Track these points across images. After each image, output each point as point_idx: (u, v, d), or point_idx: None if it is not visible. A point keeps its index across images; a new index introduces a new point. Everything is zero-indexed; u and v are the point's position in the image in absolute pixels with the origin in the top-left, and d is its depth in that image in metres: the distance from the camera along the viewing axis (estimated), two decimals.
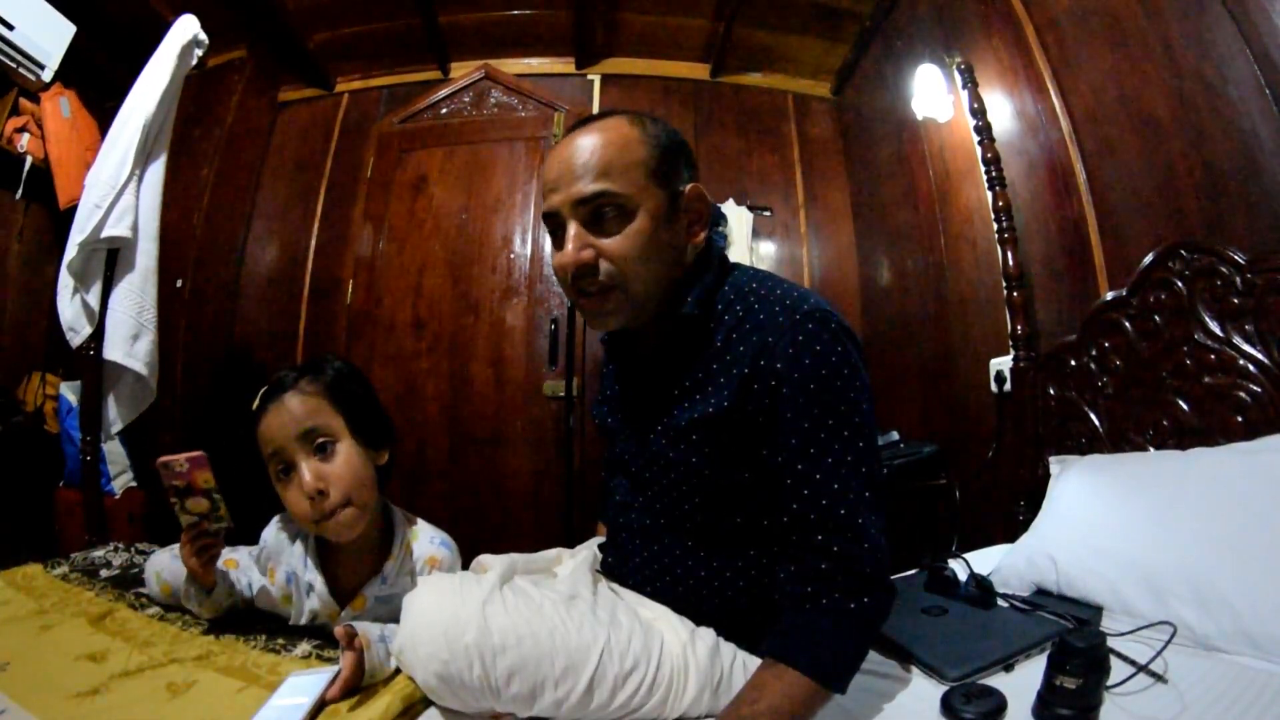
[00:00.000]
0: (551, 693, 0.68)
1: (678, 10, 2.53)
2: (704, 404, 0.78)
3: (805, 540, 0.72)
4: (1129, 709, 0.70)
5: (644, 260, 0.78)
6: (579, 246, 0.77)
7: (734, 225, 2.49)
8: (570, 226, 0.78)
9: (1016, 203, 1.74)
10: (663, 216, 0.79)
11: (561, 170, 0.78)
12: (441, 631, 0.67)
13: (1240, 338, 1.13)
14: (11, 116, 2.14)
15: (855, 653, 0.70)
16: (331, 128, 2.76)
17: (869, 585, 0.70)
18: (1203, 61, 1.24)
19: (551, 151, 0.83)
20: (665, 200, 0.80)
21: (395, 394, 2.41)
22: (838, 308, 0.79)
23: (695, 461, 0.79)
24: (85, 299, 1.69)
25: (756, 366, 0.74)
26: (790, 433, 0.73)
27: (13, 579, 1.10)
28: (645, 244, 0.78)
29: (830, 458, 0.72)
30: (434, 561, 0.95)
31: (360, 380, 0.98)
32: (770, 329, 0.75)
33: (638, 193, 0.77)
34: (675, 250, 0.81)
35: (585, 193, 0.76)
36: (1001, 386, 1.75)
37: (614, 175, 0.77)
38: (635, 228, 0.77)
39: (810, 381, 0.72)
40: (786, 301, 0.76)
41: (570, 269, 0.77)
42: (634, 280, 0.78)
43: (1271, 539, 0.87)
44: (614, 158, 0.78)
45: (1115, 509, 1.12)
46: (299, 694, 0.71)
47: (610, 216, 0.77)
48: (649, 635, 0.75)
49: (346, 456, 0.89)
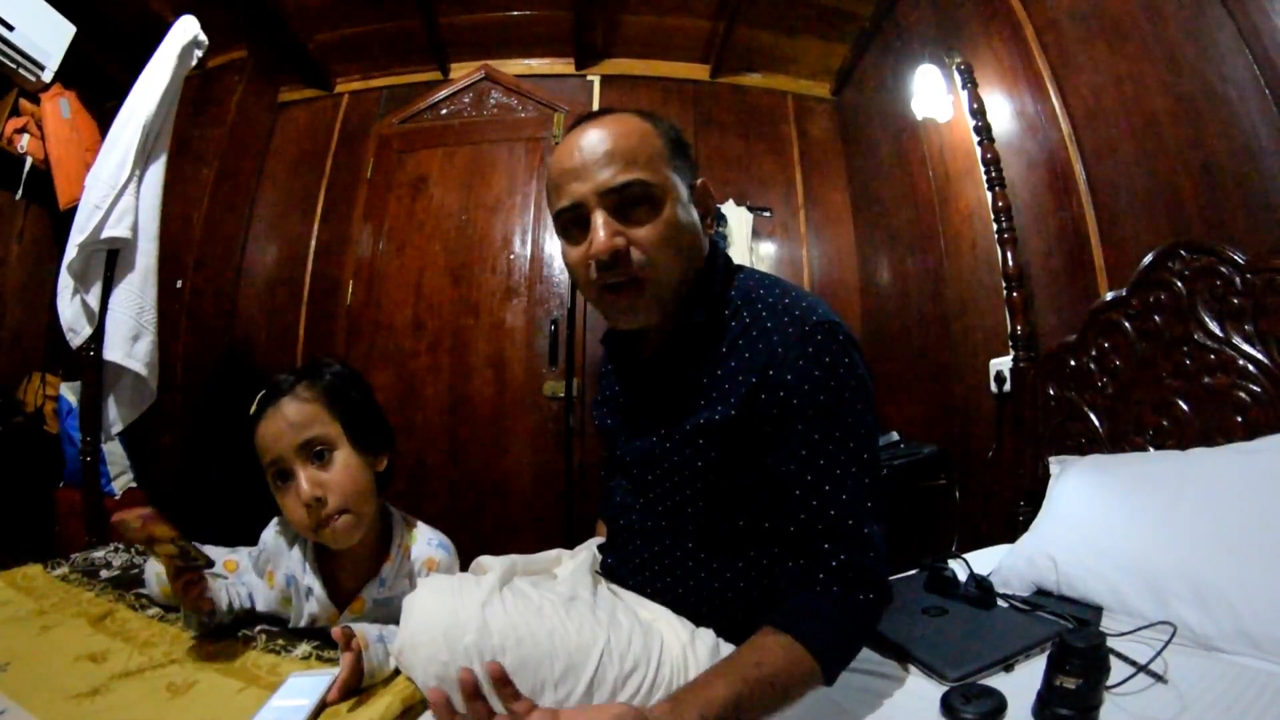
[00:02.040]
0: (552, 694, 0.67)
1: (678, 10, 2.53)
2: (710, 411, 0.77)
3: (812, 546, 0.72)
4: (1129, 709, 0.70)
5: (675, 250, 0.77)
6: (611, 233, 0.74)
7: (734, 226, 2.49)
8: (598, 215, 0.75)
9: (1016, 203, 1.74)
10: (687, 207, 0.79)
11: (584, 159, 0.76)
12: (441, 633, 0.67)
13: (1240, 338, 1.13)
14: (11, 117, 2.14)
15: (851, 644, 0.71)
16: (331, 128, 2.76)
17: (872, 584, 0.71)
18: (1203, 61, 1.24)
19: (562, 144, 0.80)
20: (686, 192, 0.80)
21: (395, 394, 2.41)
22: (840, 313, 0.79)
23: (699, 466, 0.78)
24: (85, 299, 1.69)
25: (765, 377, 0.74)
26: (799, 444, 0.72)
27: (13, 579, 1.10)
28: (676, 234, 0.77)
29: (838, 469, 0.72)
30: (431, 563, 0.95)
31: (358, 384, 0.97)
32: (780, 340, 0.74)
33: (664, 182, 0.77)
34: (698, 243, 0.81)
35: (616, 181, 0.74)
36: (1001, 387, 1.75)
37: (641, 164, 0.75)
38: (665, 217, 0.76)
39: (820, 394, 0.72)
40: (796, 312, 0.76)
41: (604, 255, 0.74)
42: (666, 271, 0.77)
43: (1271, 539, 0.87)
44: (638, 146, 0.76)
45: (1115, 509, 1.12)
46: (300, 695, 0.71)
47: (640, 206, 0.75)
48: (649, 636, 0.75)
49: (344, 464, 0.89)
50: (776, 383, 0.73)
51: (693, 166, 0.84)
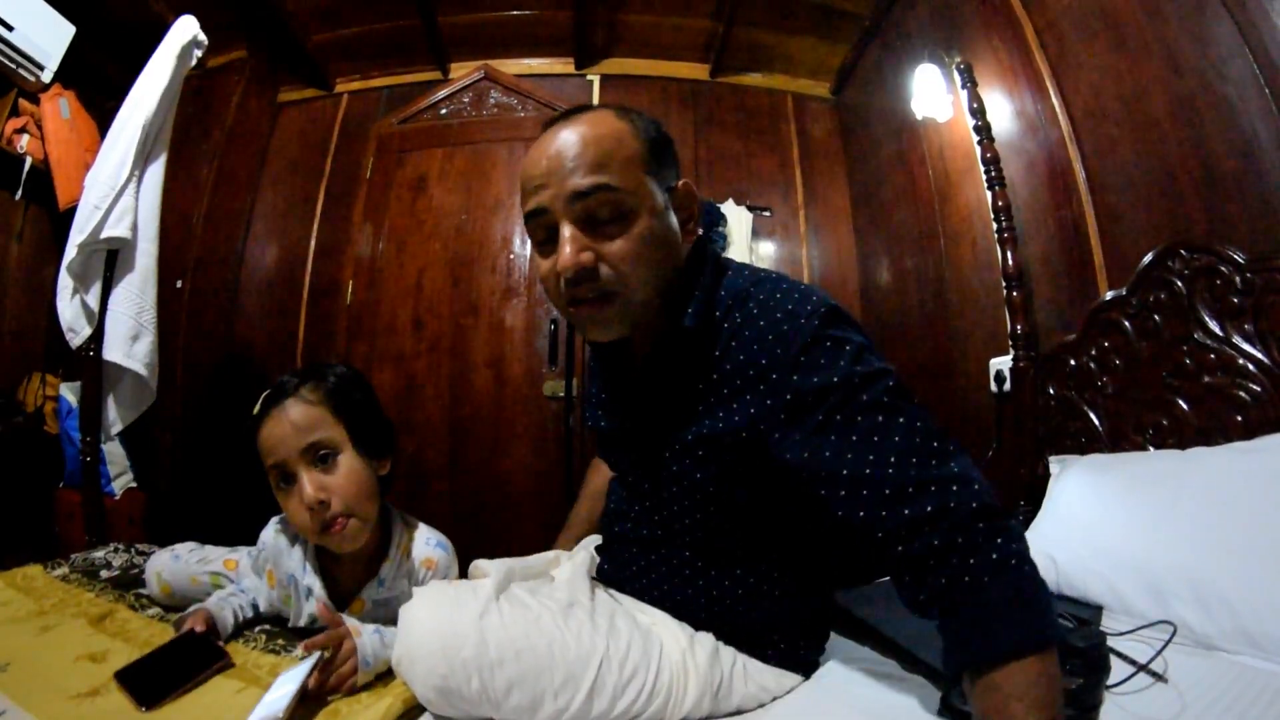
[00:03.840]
0: (552, 703, 0.67)
1: (677, 10, 2.53)
2: (711, 420, 0.73)
3: (903, 532, 0.61)
4: (1129, 708, 0.70)
5: (648, 265, 0.71)
6: (578, 249, 0.69)
7: (734, 225, 2.49)
8: (565, 227, 0.70)
9: (1016, 202, 1.74)
10: (662, 216, 0.74)
11: (550, 164, 0.71)
12: (439, 646, 0.67)
13: (1240, 337, 1.13)
14: (11, 117, 2.14)
15: (1033, 594, 0.59)
16: (331, 128, 2.77)
17: (990, 522, 0.60)
18: (1203, 61, 1.24)
19: (534, 146, 0.75)
20: (663, 198, 0.75)
21: (395, 394, 2.41)
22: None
23: (699, 478, 0.76)
24: (85, 300, 1.69)
25: (769, 380, 0.69)
26: (834, 438, 0.65)
27: (13, 580, 1.10)
28: (648, 247, 0.71)
29: (883, 438, 0.64)
30: (430, 563, 0.95)
31: (362, 386, 0.97)
32: (777, 339, 0.69)
33: (638, 189, 0.71)
34: (674, 253, 0.76)
35: (581, 186, 0.69)
36: (1001, 386, 1.75)
37: (612, 169, 0.70)
38: (638, 230, 0.71)
39: (833, 376, 0.66)
40: (788, 305, 0.71)
41: (570, 272, 0.69)
42: (636, 287, 0.71)
43: (1271, 539, 0.87)
44: (611, 150, 0.71)
45: (1115, 509, 1.12)
46: (287, 685, 0.72)
47: (609, 216, 0.70)
48: (648, 642, 0.74)
49: (348, 468, 0.88)
50: (782, 385, 0.68)
51: (675, 165, 0.78)
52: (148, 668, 0.79)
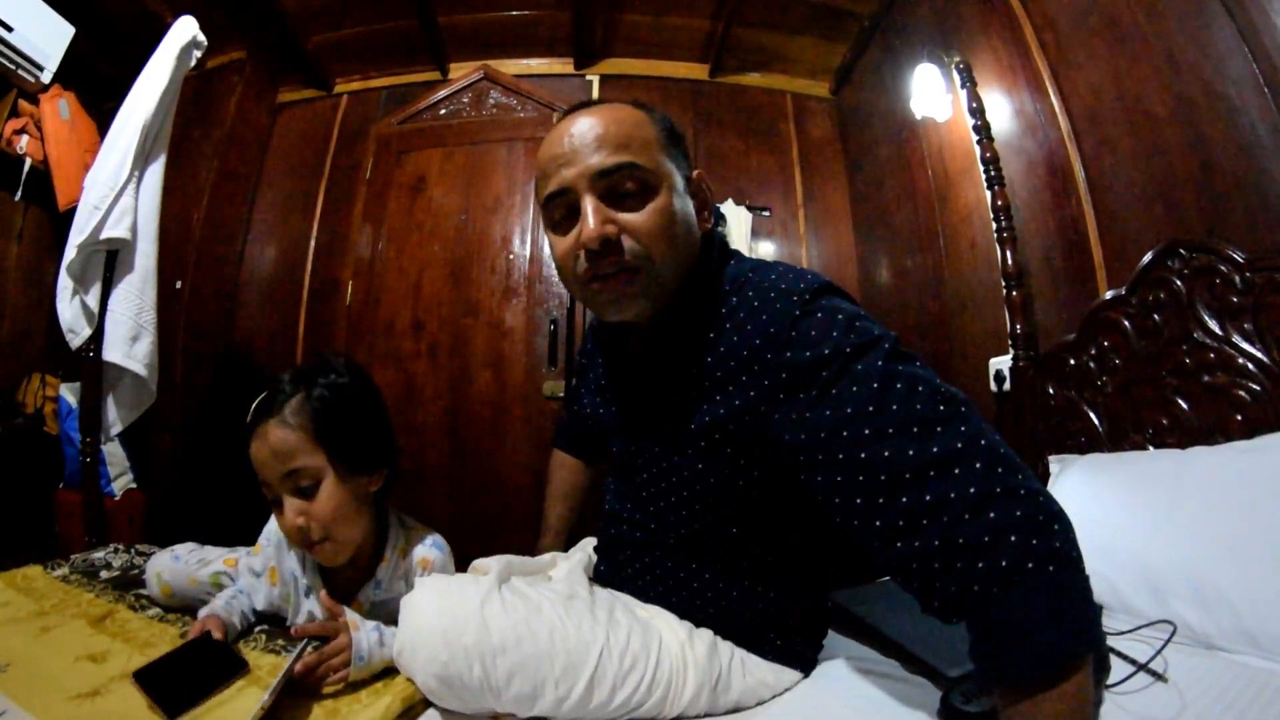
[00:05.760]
0: (552, 692, 0.67)
1: (677, 10, 2.53)
2: (712, 408, 0.73)
3: (901, 525, 0.57)
4: (1129, 708, 0.70)
5: (670, 241, 0.73)
6: (601, 219, 0.70)
7: (733, 225, 2.49)
8: (588, 201, 0.71)
9: (1015, 202, 1.74)
10: (682, 196, 0.76)
11: (574, 144, 0.72)
12: (440, 633, 0.67)
13: (1240, 336, 1.13)
14: (10, 118, 2.14)
15: (1063, 603, 0.51)
16: (330, 129, 2.77)
17: (1004, 510, 0.53)
18: (1203, 61, 1.24)
19: (552, 132, 0.76)
20: (682, 181, 0.77)
21: (395, 394, 2.41)
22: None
23: (699, 468, 0.76)
24: (84, 300, 1.69)
25: (764, 360, 0.68)
26: (828, 412, 0.62)
27: (12, 580, 1.10)
28: (671, 222, 0.73)
29: (879, 408, 0.60)
30: (426, 563, 0.95)
31: (355, 398, 0.93)
32: (770, 318, 0.69)
33: (658, 169, 0.73)
34: (693, 236, 0.77)
35: (607, 164, 0.71)
36: (1001, 386, 1.75)
37: (634, 149, 0.72)
38: (659, 204, 0.72)
39: (825, 348, 0.64)
40: (781, 285, 0.71)
41: (595, 243, 0.70)
42: (661, 261, 0.72)
43: (1271, 538, 0.87)
44: (631, 133, 0.73)
45: (1115, 508, 1.12)
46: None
47: (632, 192, 0.72)
48: (647, 634, 0.75)
49: (328, 495, 0.86)
50: (778, 363, 0.67)
51: (688, 158, 0.81)
52: (168, 671, 0.78)
